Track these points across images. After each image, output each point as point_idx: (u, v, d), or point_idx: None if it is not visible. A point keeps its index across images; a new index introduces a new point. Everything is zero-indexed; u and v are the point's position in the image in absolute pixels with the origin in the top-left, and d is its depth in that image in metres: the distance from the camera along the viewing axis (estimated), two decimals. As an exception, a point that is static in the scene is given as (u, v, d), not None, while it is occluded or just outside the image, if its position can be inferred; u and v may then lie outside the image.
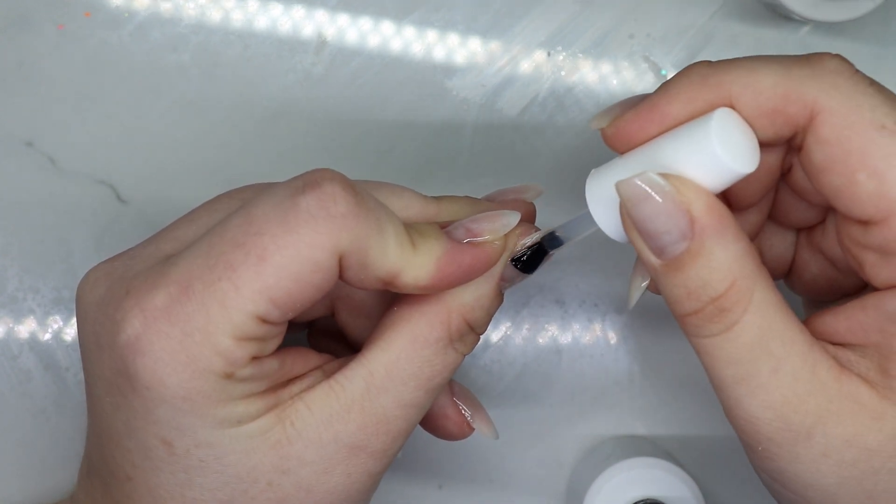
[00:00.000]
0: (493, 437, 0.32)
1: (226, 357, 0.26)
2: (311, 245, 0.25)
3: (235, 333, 0.26)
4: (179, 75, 0.38)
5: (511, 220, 0.28)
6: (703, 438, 0.40)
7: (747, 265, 0.25)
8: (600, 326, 0.40)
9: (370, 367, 0.28)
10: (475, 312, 0.28)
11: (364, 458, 0.28)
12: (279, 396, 0.27)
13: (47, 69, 0.38)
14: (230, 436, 0.27)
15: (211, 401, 0.26)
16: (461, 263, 0.27)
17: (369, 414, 0.27)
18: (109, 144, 0.38)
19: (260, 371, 0.27)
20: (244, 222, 0.26)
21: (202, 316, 0.26)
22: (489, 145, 0.39)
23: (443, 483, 0.40)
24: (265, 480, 0.27)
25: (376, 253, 0.26)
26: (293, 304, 0.26)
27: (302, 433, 0.27)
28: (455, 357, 0.29)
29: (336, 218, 0.26)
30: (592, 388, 0.40)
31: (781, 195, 0.30)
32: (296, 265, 0.25)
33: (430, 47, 0.39)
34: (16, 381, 0.38)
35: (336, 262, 0.26)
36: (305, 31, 0.39)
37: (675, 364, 0.40)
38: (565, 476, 0.40)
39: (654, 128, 0.26)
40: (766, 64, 0.25)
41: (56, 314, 0.38)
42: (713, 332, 0.25)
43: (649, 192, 0.25)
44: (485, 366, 0.40)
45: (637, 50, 0.40)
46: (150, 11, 0.38)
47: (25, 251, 0.38)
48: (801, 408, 0.25)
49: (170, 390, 0.26)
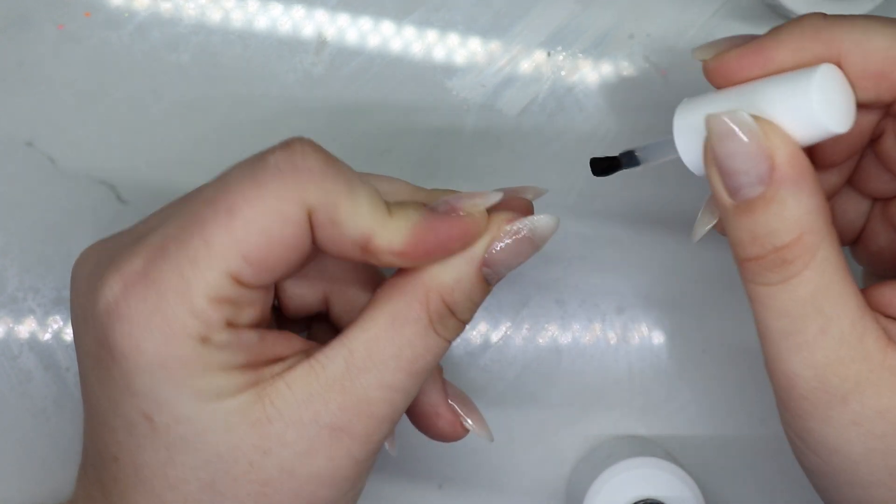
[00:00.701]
0: (488, 439, 0.32)
1: (201, 318, 0.26)
2: (279, 197, 0.26)
3: (209, 293, 0.26)
4: (179, 75, 0.38)
5: (492, 198, 0.28)
6: (703, 438, 0.40)
7: (818, 221, 0.25)
8: (600, 326, 0.40)
9: (350, 346, 0.28)
10: (454, 294, 0.28)
11: (347, 442, 0.27)
12: (260, 374, 0.27)
13: (47, 69, 0.38)
14: (209, 411, 0.27)
15: (187, 369, 0.26)
16: (438, 232, 0.27)
17: (350, 394, 0.27)
18: (109, 144, 0.38)
19: (237, 340, 0.27)
20: (216, 183, 0.27)
21: (176, 276, 0.26)
22: (489, 145, 0.39)
23: (443, 483, 0.40)
24: (246, 461, 0.27)
25: (347, 210, 0.26)
26: (265, 261, 0.26)
27: (282, 412, 0.27)
28: (437, 341, 0.28)
29: (303, 171, 0.26)
30: (592, 388, 0.40)
31: (865, 162, 0.30)
32: (264, 218, 0.26)
33: (430, 47, 0.39)
34: (16, 381, 0.38)
35: (305, 216, 0.26)
36: (305, 31, 0.39)
37: (676, 364, 0.40)
38: (565, 476, 0.40)
39: (756, 70, 0.26)
40: (882, 26, 0.25)
41: (56, 314, 0.38)
42: (770, 280, 0.25)
43: (737, 130, 0.25)
44: (485, 366, 0.40)
45: (637, 50, 0.40)
46: (150, 11, 0.38)
47: (25, 251, 0.38)
48: (841, 371, 0.25)
49: (145, 357, 0.26)
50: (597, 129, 0.40)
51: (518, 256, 0.28)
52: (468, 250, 0.28)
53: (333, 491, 0.28)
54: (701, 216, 0.29)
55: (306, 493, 0.27)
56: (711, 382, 0.40)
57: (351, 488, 0.29)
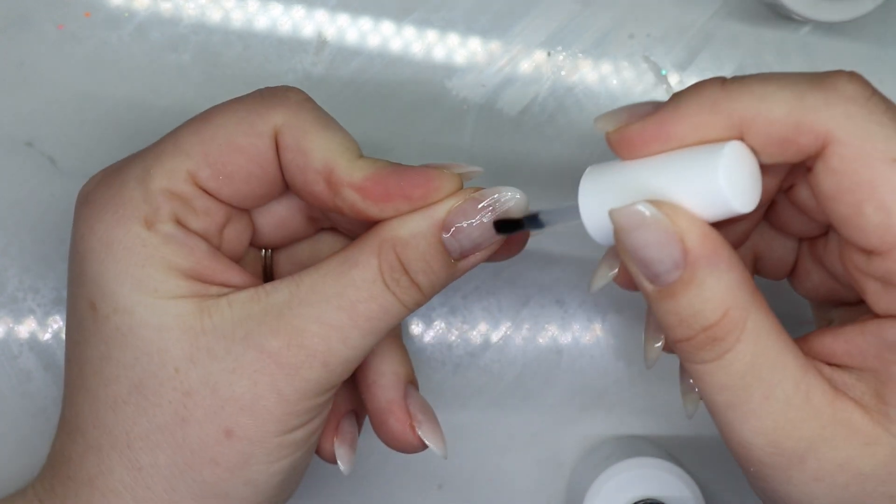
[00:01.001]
0: (441, 454, 0.31)
1: (150, 204, 0.28)
2: (250, 111, 0.28)
3: (164, 184, 0.28)
4: (179, 75, 0.38)
5: (470, 168, 0.29)
6: (703, 438, 0.40)
7: (741, 295, 0.25)
8: (600, 326, 0.40)
9: (298, 280, 0.28)
10: (408, 249, 0.27)
11: (272, 368, 0.27)
12: (206, 289, 0.28)
13: (47, 69, 0.38)
14: (145, 305, 0.27)
15: (130, 253, 0.27)
16: (401, 176, 0.27)
17: (285, 322, 0.27)
18: (109, 144, 0.38)
19: (182, 240, 0.28)
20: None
21: (140, 168, 0.28)
22: (489, 145, 0.39)
23: (443, 483, 0.40)
24: (173, 366, 0.27)
25: (315, 140, 0.28)
26: (224, 166, 0.28)
27: (217, 326, 0.27)
28: (387, 296, 0.28)
29: (281, 98, 0.28)
30: (592, 388, 0.40)
31: (782, 206, 0.30)
32: (232, 125, 0.28)
33: (430, 47, 0.39)
34: (16, 381, 0.38)
35: (271, 132, 0.28)
36: (305, 31, 0.39)
37: (676, 364, 0.40)
38: (565, 476, 0.40)
39: (658, 145, 0.26)
40: (779, 88, 0.25)
41: (56, 314, 0.38)
42: (705, 359, 0.25)
43: (643, 221, 0.24)
44: (485, 366, 0.40)
45: (637, 50, 0.40)
46: (150, 11, 0.38)
47: (25, 251, 0.38)
48: (793, 434, 0.25)
49: (95, 236, 0.28)
50: (597, 129, 0.40)
51: (482, 229, 0.28)
52: (429, 209, 0.28)
53: (254, 422, 0.27)
54: (599, 267, 0.29)
55: (225, 414, 0.27)
56: (711, 382, 0.40)
57: (275, 432, 0.28)
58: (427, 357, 0.40)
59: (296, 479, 0.30)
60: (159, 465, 0.28)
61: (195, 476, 0.28)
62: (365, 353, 0.28)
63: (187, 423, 0.27)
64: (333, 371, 0.28)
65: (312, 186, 0.28)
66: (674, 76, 0.40)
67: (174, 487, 0.28)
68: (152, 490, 0.28)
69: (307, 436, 0.29)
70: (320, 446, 0.31)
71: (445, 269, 0.28)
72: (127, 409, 0.28)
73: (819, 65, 0.40)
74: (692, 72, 0.40)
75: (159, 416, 0.27)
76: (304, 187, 0.28)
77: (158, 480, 0.28)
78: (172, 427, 0.27)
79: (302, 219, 0.32)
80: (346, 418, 0.32)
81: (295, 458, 0.29)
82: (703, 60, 0.40)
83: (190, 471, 0.28)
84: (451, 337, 0.40)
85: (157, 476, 0.28)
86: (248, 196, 0.29)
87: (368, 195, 0.27)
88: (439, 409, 0.40)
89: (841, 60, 0.40)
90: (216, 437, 0.27)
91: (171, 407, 0.27)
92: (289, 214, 0.32)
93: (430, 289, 0.28)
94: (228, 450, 0.27)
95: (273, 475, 0.28)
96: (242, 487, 0.28)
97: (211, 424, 0.27)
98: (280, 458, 0.28)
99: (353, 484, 0.40)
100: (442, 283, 0.28)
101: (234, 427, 0.27)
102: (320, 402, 0.28)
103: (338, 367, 0.28)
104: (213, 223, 0.29)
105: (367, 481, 0.40)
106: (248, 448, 0.27)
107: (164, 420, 0.27)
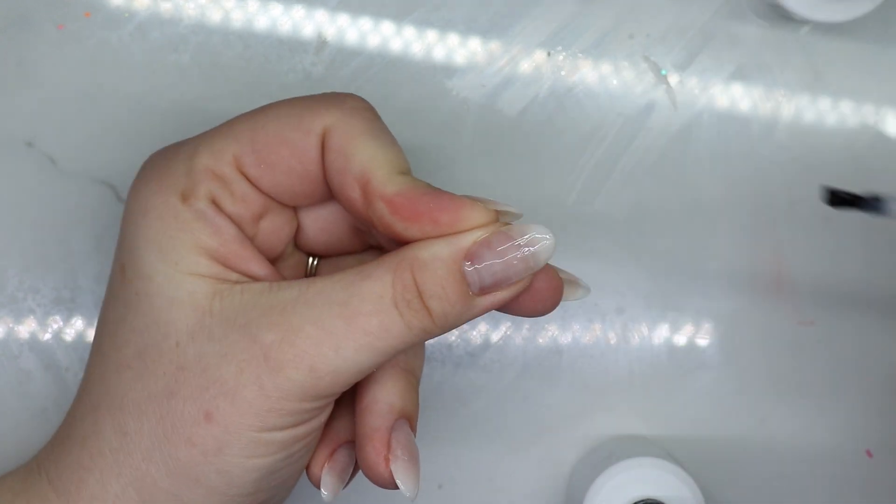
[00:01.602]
0: (409, 496, 0.29)
1: (190, 177, 0.28)
2: (304, 107, 0.29)
3: (208, 163, 0.29)
4: (179, 75, 0.38)
5: (508, 207, 0.28)
6: (702, 438, 0.40)
7: None
8: (600, 326, 0.40)
9: (311, 282, 0.28)
10: (425, 272, 0.27)
11: (259, 360, 0.27)
12: (226, 273, 0.28)
13: (47, 69, 0.38)
14: (165, 274, 0.28)
15: (162, 222, 0.28)
16: (432, 198, 0.27)
17: (285, 317, 0.27)
18: (109, 144, 0.38)
19: (213, 219, 0.28)
20: None
21: (192, 144, 0.29)
22: (489, 145, 0.39)
23: (443, 483, 0.40)
24: (175, 339, 0.28)
25: (360, 146, 0.28)
26: (268, 155, 0.29)
27: (224, 310, 0.28)
28: (394, 318, 0.27)
29: (338, 101, 0.29)
30: (592, 388, 0.40)
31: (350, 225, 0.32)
32: (283, 117, 0.29)
33: (430, 47, 0.39)
34: (16, 381, 0.38)
35: (319, 130, 0.28)
36: (305, 31, 0.39)
37: (676, 364, 0.40)
38: (565, 476, 0.40)
39: None
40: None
41: (56, 314, 0.38)
42: None
43: None
44: (485, 366, 0.40)
45: (637, 50, 0.40)
46: (150, 11, 0.38)
47: (25, 251, 0.38)
48: None
49: (137, 202, 0.29)
50: (597, 129, 0.40)
51: (506, 266, 0.27)
52: (456, 236, 0.27)
53: (233, 409, 0.27)
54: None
55: (208, 395, 0.27)
56: (711, 382, 0.40)
57: (253, 426, 0.27)
58: (427, 357, 0.40)
59: (275, 485, 0.29)
60: (142, 434, 0.28)
61: (171, 451, 0.28)
62: (359, 370, 0.27)
63: (173, 397, 0.27)
64: (321, 379, 0.27)
65: (349, 192, 0.28)
66: (674, 76, 0.40)
67: (151, 458, 0.28)
68: (132, 457, 0.28)
69: (288, 440, 0.28)
70: (309, 468, 0.31)
71: (462, 301, 0.27)
72: (128, 374, 0.28)
73: (819, 65, 0.40)
74: (692, 72, 0.40)
75: (152, 386, 0.28)
76: (341, 191, 0.28)
77: (139, 448, 0.28)
78: (160, 398, 0.28)
79: (347, 229, 0.32)
80: (344, 448, 0.31)
81: (274, 461, 0.28)
82: (703, 60, 0.40)
83: (167, 445, 0.28)
84: (451, 337, 0.40)
85: (139, 443, 0.28)
86: (287, 190, 0.29)
87: (396, 210, 0.27)
88: (439, 409, 0.40)
89: (841, 60, 0.40)
90: (195, 418, 0.27)
91: (164, 379, 0.28)
92: (334, 221, 0.32)
93: (441, 318, 0.27)
94: (205, 432, 0.27)
95: (248, 471, 0.28)
96: (215, 476, 0.28)
97: (193, 403, 0.27)
98: (256, 455, 0.28)
99: (352, 483, 0.40)
100: (456, 314, 0.27)
101: (213, 411, 0.27)
102: (306, 409, 0.28)
103: (325, 375, 0.27)
104: (249, 211, 0.29)
105: (366, 481, 0.40)
106: (223, 435, 0.27)
107: (156, 390, 0.28)
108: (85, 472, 0.29)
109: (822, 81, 0.40)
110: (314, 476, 0.31)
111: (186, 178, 0.28)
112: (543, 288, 0.28)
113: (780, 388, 0.41)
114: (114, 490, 0.28)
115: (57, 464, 0.29)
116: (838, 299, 0.41)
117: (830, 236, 0.41)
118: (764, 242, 0.40)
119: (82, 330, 0.38)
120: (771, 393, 0.41)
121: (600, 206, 0.40)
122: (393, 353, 0.27)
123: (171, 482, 0.28)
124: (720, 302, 0.40)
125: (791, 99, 0.40)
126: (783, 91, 0.40)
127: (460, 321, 0.28)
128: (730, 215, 0.40)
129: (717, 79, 0.40)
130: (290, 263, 0.32)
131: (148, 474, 0.28)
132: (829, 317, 0.41)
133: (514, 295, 0.28)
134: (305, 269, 0.33)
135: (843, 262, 0.41)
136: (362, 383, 0.30)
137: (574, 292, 0.30)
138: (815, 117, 0.40)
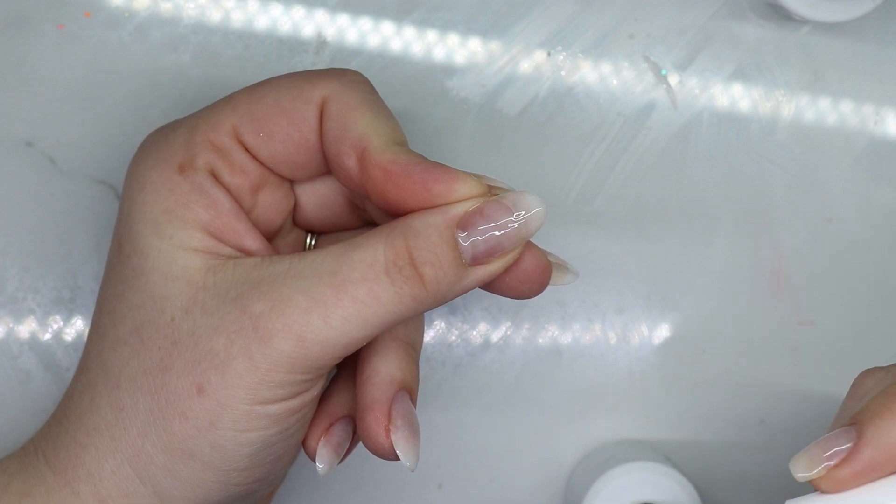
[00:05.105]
0: (409, 466, 0.29)
1: (189, 149, 0.29)
2: (303, 79, 0.29)
3: (208, 136, 0.29)
4: (179, 75, 0.38)
5: (504, 186, 0.29)
6: (701, 443, 0.40)
7: None
8: (600, 326, 0.40)
9: (302, 255, 0.28)
10: (419, 240, 0.27)
11: (249, 331, 0.27)
12: (219, 247, 0.28)
13: (47, 69, 0.38)
14: (160, 250, 0.28)
15: (158, 196, 0.28)
16: (426, 168, 0.27)
17: (275, 288, 0.27)
18: (109, 144, 0.38)
19: (210, 190, 0.29)
20: None
21: (193, 118, 0.30)
22: (489, 145, 0.39)
23: (443, 483, 0.40)
24: (170, 314, 0.28)
25: (358, 116, 0.28)
26: (266, 124, 0.29)
27: (217, 285, 0.28)
28: (384, 286, 0.27)
29: (337, 74, 0.29)
30: (592, 389, 0.40)
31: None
32: (283, 88, 0.29)
33: (430, 47, 0.39)
34: (16, 381, 0.38)
35: (317, 100, 0.29)
36: (305, 31, 0.39)
37: (676, 364, 0.40)
38: (564, 477, 0.40)
39: (866, 480, 0.25)
40: None
41: (56, 314, 0.38)
42: None
43: None
44: (485, 366, 0.40)
45: (637, 50, 0.40)
46: (150, 11, 0.38)
47: (25, 251, 0.38)
48: None
49: (134, 177, 0.29)
50: (597, 128, 0.40)
51: (498, 233, 0.27)
52: (448, 206, 0.27)
53: (224, 382, 0.27)
54: None
55: (200, 369, 0.27)
56: (711, 384, 0.40)
57: (245, 399, 0.27)
58: (427, 357, 0.40)
59: (270, 460, 0.29)
60: (138, 409, 0.28)
61: (166, 426, 0.28)
62: (348, 341, 0.27)
63: (167, 371, 0.28)
64: (309, 349, 0.27)
65: (345, 160, 0.28)
66: (674, 76, 0.40)
67: (146, 434, 0.28)
68: (127, 432, 0.28)
69: (281, 414, 0.28)
70: (305, 441, 0.31)
71: (454, 268, 0.27)
72: (125, 350, 0.28)
73: (819, 65, 0.40)
74: (692, 72, 0.40)
75: (147, 361, 0.28)
76: (337, 160, 0.29)
77: (134, 424, 0.28)
78: (155, 373, 0.28)
79: (344, 203, 0.32)
80: (341, 422, 0.31)
81: (267, 435, 0.28)
82: (703, 60, 0.40)
83: (162, 419, 0.28)
84: (451, 337, 0.40)
85: (134, 419, 0.28)
86: (285, 160, 0.30)
87: (391, 178, 0.27)
88: (439, 409, 0.40)
89: (841, 60, 0.40)
90: (188, 391, 0.27)
91: (159, 354, 0.28)
92: (331, 195, 0.32)
93: (434, 284, 0.27)
94: (198, 406, 0.27)
95: (241, 445, 0.28)
96: (209, 450, 0.28)
97: (186, 377, 0.27)
98: (249, 428, 0.28)
99: (352, 483, 0.40)
100: (448, 282, 0.27)
101: (205, 384, 0.27)
102: (297, 381, 0.27)
103: (314, 346, 0.27)
104: (247, 181, 0.30)
105: (366, 481, 0.40)
106: (216, 409, 0.27)
107: (150, 365, 0.28)
108: (81, 450, 0.29)
109: (822, 81, 0.40)
110: (310, 449, 0.31)
111: (185, 149, 0.29)
112: (531, 269, 0.29)
113: (780, 388, 0.41)
114: (109, 466, 0.28)
115: (54, 442, 0.30)
116: (838, 299, 0.41)
117: (830, 236, 0.41)
118: (764, 242, 0.40)
119: (82, 330, 0.38)
120: (771, 393, 0.41)
121: (600, 205, 0.40)
122: (383, 324, 0.27)
123: (166, 457, 0.28)
124: (720, 302, 0.40)
125: (791, 99, 0.40)
126: (783, 91, 0.40)
127: (451, 293, 0.28)
128: (730, 215, 0.40)
129: (717, 79, 0.40)
130: (288, 241, 0.32)
131: (143, 450, 0.28)
132: (829, 317, 0.41)
133: (505, 267, 0.28)
134: (303, 247, 0.33)
135: (843, 263, 0.41)
136: (363, 356, 0.30)
137: (562, 276, 0.30)
138: (815, 117, 0.40)
